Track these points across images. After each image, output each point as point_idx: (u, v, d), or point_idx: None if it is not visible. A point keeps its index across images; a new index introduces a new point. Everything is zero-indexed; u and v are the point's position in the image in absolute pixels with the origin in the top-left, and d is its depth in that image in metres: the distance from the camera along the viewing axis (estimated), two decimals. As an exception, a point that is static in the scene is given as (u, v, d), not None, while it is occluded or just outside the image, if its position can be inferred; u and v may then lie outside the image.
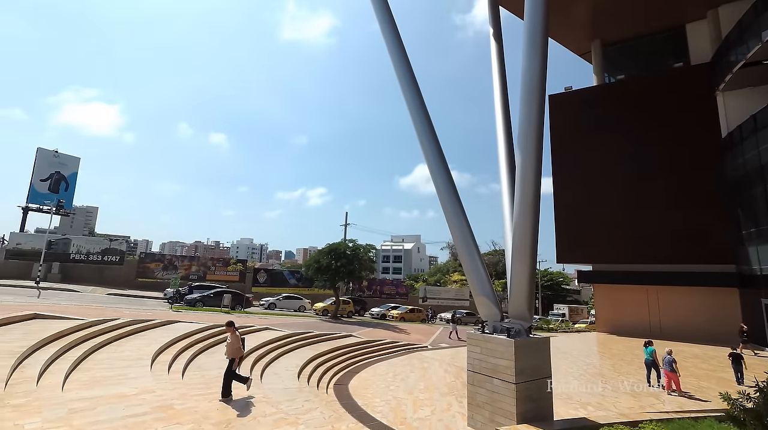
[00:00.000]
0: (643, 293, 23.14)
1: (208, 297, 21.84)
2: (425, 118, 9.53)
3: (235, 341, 7.00)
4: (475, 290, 8.46)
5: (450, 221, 8.92)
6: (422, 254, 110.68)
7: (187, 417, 4.83)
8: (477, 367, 7.75)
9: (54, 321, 8.73)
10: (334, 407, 8.14)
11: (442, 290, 47.16)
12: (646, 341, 10.77)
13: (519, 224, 7.62)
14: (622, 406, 9.41)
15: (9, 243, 28.89)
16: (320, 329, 16.85)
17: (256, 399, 6.45)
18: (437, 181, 9.10)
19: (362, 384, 10.56)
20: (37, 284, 22.91)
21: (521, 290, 7.68)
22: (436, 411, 8.70)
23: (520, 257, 7.66)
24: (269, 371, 9.83)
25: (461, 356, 15.63)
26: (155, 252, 32.92)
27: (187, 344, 9.59)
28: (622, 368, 13.75)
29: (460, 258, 8.83)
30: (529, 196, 7.47)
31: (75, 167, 35.58)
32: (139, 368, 6.77)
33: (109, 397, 5.19)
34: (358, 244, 24.58)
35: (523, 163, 7.72)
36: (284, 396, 7.80)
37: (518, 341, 7.19)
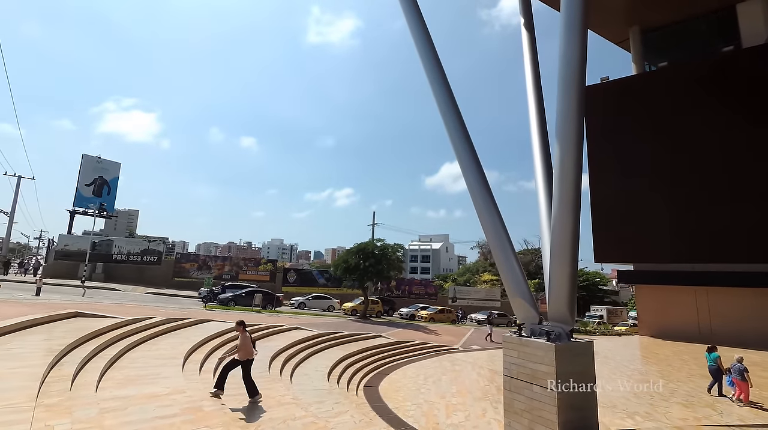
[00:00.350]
0: (691, 295, 21.61)
1: (240, 296, 22.28)
2: (455, 113, 9.16)
3: (246, 342, 6.83)
4: (511, 290, 8.02)
5: (482, 218, 8.51)
6: (450, 254, 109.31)
7: (215, 420, 4.75)
8: (514, 372, 7.32)
9: (94, 319, 9.04)
10: (365, 411, 7.95)
11: (472, 290, 46.21)
12: (710, 347, 9.84)
13: (558, 221, 7.14)
14: (674, 417, 8.70)
15: (57, 244, 30.72)
16: (349, 329, 16.76)
17: (286, 401, 6.34)
18: (468, 177, 8.72)
19: (392, 386, 10.33)
20: (83, 284, 24.14)
21: (562, 290, 7.19)
22: (471, 417, 8.34)
23: (560, 255, 7.17)
24: (299, 371, 9.76)
25: (494, 359, 15.10)
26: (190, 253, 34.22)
27: (219, 344, 9.68)
28: (671, 375, 12.81)
29: (494, 257, 8.41)
30: (569, 192, 6.98)
31: (116, 172, 37.42)
32: (171, 367, 6.82)
33: (140, 397, 5.20)
34: (386, 243, 24.39)
35: (562, 158, 7.22)
36: (314, 398, 7.68)
37: (559, 346, 6.72)
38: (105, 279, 29.92)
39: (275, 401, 6.23)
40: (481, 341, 19.64)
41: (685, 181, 21.18)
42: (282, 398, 6.50)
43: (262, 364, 8.84)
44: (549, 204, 8.90)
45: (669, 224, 21.23)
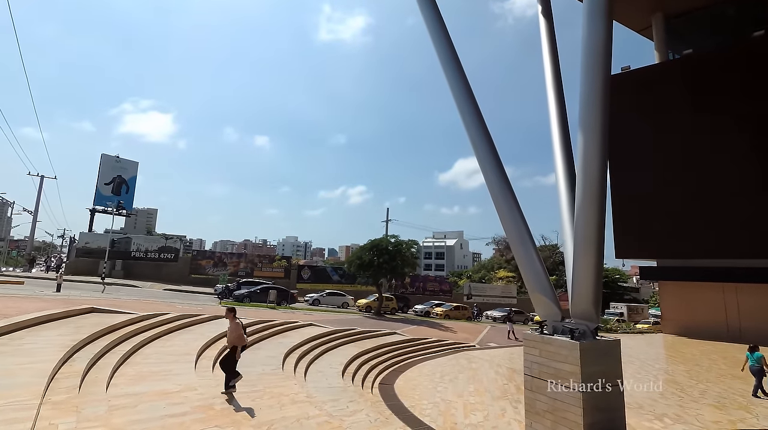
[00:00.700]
0: (719, 292, 20.74)
1: (255, 293, 22.38)
2: (471, 102, 8.84)
3: (236, 329, 6.61)
4: (531, 286, 7.70)
5: (501, 211, 8.19)
6: (465, 251, 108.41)
7: (226, 418, 4.60)
8: (536, 371, 7.01)
9: (109, 315, 9.08)
10: (380, 409, 7.75)
11: (488, 286, 45.58)
12: (751, 346, 9.29)
13: (582, 212, 6.79)
14: (706, 419, 8.25)
15: (78, 242, 31.47)
16: (364, 325, 16.61)
17: (300, 399, 6.18)
18: (486, 168, 8.40)
19: (408, 384, 10.11)
20: (103, 280, 24.64)
21: (587, 286, 6.84)
22: (489, 417, 8.06)
23: (585, 249, 6.82)
24: (313, 368, 9.63)
25: (513, 357, 14.73)
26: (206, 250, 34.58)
27: (233, 340, 9.62)
28: (700, 375, 12.25)
29: (514, 251, 8.08)
30: (593, 183, 6.64)
31: (134, 171, 38.13)
32: (184, 363, 6.74)
33: (152, 394, 5.10)
34: (400, 239, 24.14)
35: (586, 148, 6.87)
36: (328, 396, 7.51)
37: (584, 344, 6.39)
38: (124, 276, 30.52)
39: (289, 399, 6.08)
40: (498, 338, 19.25)
41: (713, 173, 20.22)
42: (296, 396, 6.34)
43: (276, 361, 8.73)
44: (570, 196, 8.54)
45: (697, 218, 20.33)
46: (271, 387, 6.66)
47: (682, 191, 20.92)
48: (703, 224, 20.07)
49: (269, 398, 6.02)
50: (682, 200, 20.84)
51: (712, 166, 20.22)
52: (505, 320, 21.78)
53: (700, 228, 20.12)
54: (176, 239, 34.51)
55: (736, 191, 19.47)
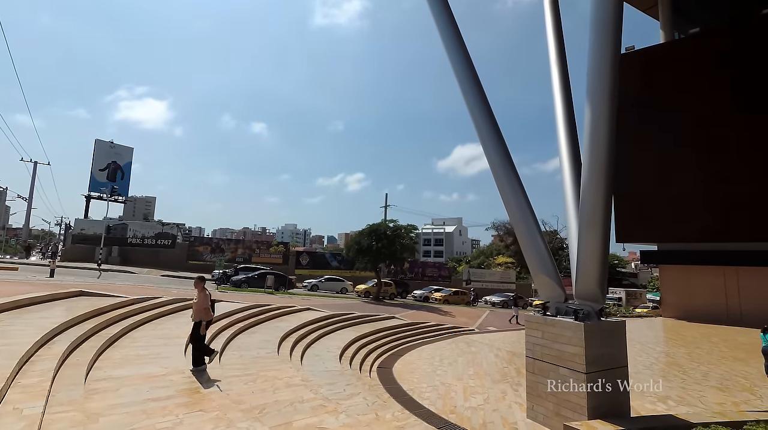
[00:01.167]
0: (720, 275, 20.62)
1: (253, 278, 22.18)
2: (473, 79, 8.45)
3: (203, 301, 6.20)
4: (534, 267, 7.45)
5: (504, 192, 7.89)
6: (464, 238, 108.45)
7: (213, 403, 4.35)
8: (538, 354, 6.82)
9: (98, 298, 8.82)
10: (378, 392, 7.57)
11: (487, 272, 45.59)
12: (765, 327, 9.16)
13: (589, 191, 6.50)
14: (709, 401, 8.11)
15: (74, 229, 31.13)
16: (362, 310, 16.45)
17: (294, 383, 5.97)
18: (488, 148, 8.07)
19: (407, 368, 9.95)
20: (99, 266, 24.41)
21: (592, 266, 6.59)
22: (490, 400, 7.90)
23: (591, 227, 6.56)
24: (310, 352, 9.44)
25: (512, 341, 14.62)
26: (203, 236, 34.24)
27: (228, 323, 9.39)
28: (701, 358, 12.14)
29: (517, 232, 7.81)
30: (601, 160, 6.34)
31: (129, 157, 37.55)
32: (174, 346, 6.50)
33: (136, 377, 4.85)
34: (399, 224, 23.84)
35: (594, 124, 6.55)
36: (325, 379, 7.32)
37: (589, 325, 6.18)
38: (121, 262, 30.29)
39: (283, 383, 5.86)
40: (498, 322, 19.16)
41: (716, 156, 19.84)
42: (290, 379, 6.12)
43: (271, 345, 8.51)
44: (575, 175, 8.24)
45: (698, 201, 20.05)
46: (265, 370, 6.44)
47: (684, 174, 20.59)
48: (704, 208, 19.80)
49: (262, 382, 5.79)
50: (684, 184, 20.52)
51: (716, 148, 19.85)
52: (511, 304, 21.54)
53: (701, 212, 19.86)
54: (173, 226, 34.12)
55: (739, 174, 19.14)
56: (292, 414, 4.58)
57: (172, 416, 3.79)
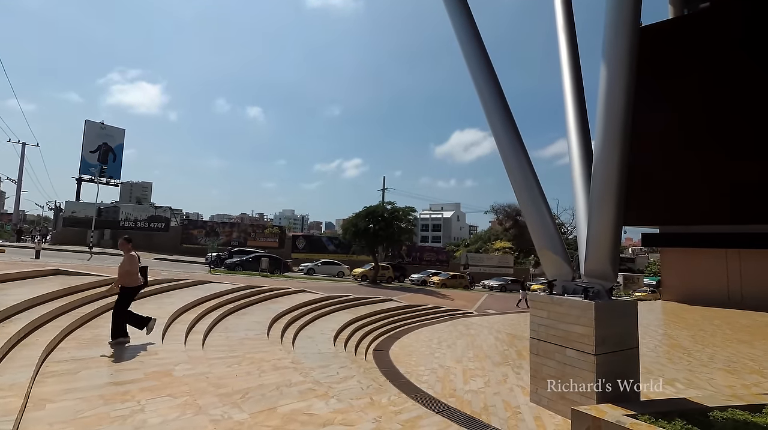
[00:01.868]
0: (722, 258, 20.33)
1: (247, 261, 21.78)
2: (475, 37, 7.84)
3: (127, 264, 5.48)
4: (540, 243, 6.99)
5: (508, 162, 7.37)
6: (462, 223, 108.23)
7: (187, 387, 3.90)
8: (543, 334, 6.41)
9: (75, 277, 8.34)
10: (374, 375, 7.20)
11: (485, 256, 45.39)
12: None
13: (603, 157, 6.01)
14: (719, 384, 7.79)
15: (65, 211, 30.50)
16: (359, 293, 16.09)
17: (283, 365, 5.55)
18: (491, 114, 7.53)
19: (404, 350, 9.60)
20: (90, 249, 23.92)
21: (603, 241, 6.14)
22: (491, 383, 7.54)
23: (603, 199, 6.09)
24: (303, 334, 9.05)
25: (512, 323, 14.32)
26: (197, 219, 33.68)
27: (216, 304, 8.97)
28: (705, 340, 11.87)
29: (522, 206, 7.32)
30: (617, 121, 5.85)
31: (121, 139, 36.58)
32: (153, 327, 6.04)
33: (102, 359, 4.39)
34: (397, 206, 23.35)
35: (610, 79, 6.04)
36: (317, 362, 6.92)
37: (599, 304, 5.75)
38: (113, 246, 29.77)
39: (270, 366, 5.43)
40: (497, 305, 18.90)
41: (716, 136, 19.21)
42: (278, 362, 5.70)
43: (261, 326, 8.09)
44: (582, 144, 7.74)
45: (698, 182, 19.50)
46: (252, 352, 6.02)
47: (687, 155, 20.02)
48: (709, 190, 19.29)
49: (248, 364, 5.37)
50: (687, 164, 19.97)
51: (722, 129, 19.24)
52: (510, 288, 21.09)
53: (705, 194, 19.34)
54: (166, 209, 33.50)
55: (744, 154, 18.59)
56: (278, 399, 4.16)
57: (133, 402, 3.34)
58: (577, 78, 8.55)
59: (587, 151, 8.06)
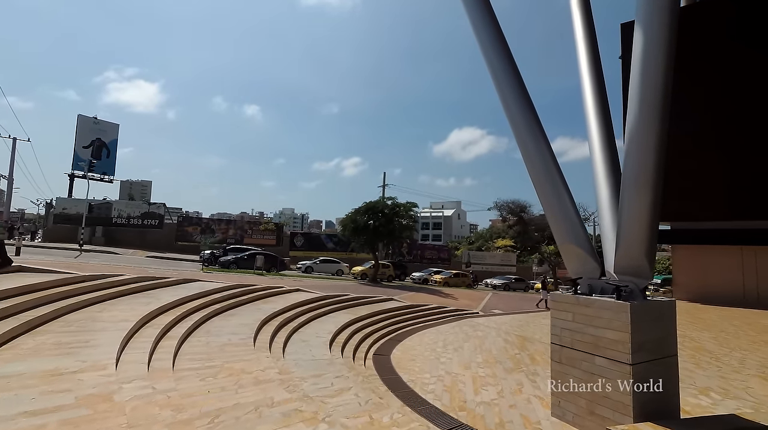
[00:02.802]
0: (737, 255, 19.50)
1: (242, 259, 20.96)
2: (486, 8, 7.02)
3: None
4: (563, 236, 6.12)
5: (526, 148, 6.49)
6: (463, 221, 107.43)
7: (121, 418, 2.97)
8: (567, 340, 5.58)
9: (38, 274, 7.48)
10: (374, 385, 6.38)
11: (488, 254, 44.56)
12: None
13: (639, 130, 5.16)
14: (758, 393, 6.98)
15: (56, 208, 29.65)
16: (358, 292, 15.27)
17: (267, 377, 4.73)
18: (505, 94, 6.67)
19: (407, 355, 8.79)
20: (80, 247, 23.11)
21: (638, 231, 5.29)
22: (504, 393, 6.73)
23: (638, 183, 5.24)
24: (296, 337, 8.23)
25: (521, 324, 13.51)
26: (192, 216, 32.78)
27: (200, 305, 8.15)
28: (730, 342, 11.05)
29: (541, 194, 6.44)
30: (656, 87, 4.98)
31: (114, 134, 35.72)
32: (112, 333, 5.13)
33: (32, 375, 3.48)
34: (397, 202, 22.50)
35: (646, 43, 5.16)
36: (310, 370, 6.10)
37: (636, 305, 4.92)
38: (105, 243, 28.96)
39: (251, 378, 4.61)
40: (503, 305, 18.08)
41: (735, 129, 18.40)
42: (262, 373, 4.88)
43: (248, 329, 7.27)
44: (601, 117, 6.89)
45: (716, 177, 18.69)
46: (232, 362, 5.20)
47: (701, 150, 19.17)
48: (723, 185, 18.47)
49: (225, 377, 4.55)
50: (701, 159, 19.12)
51: (735, 121, 18.39)
52: (541, 287, 19.80)
53: (719, 189, 18.53)
54: (160, 205, 32.64)
55: (760, 149, 17.74)
56: (254, 425, 3.34)
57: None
58: (594, 52, 7.65)
59: (608, 131, 7.16)
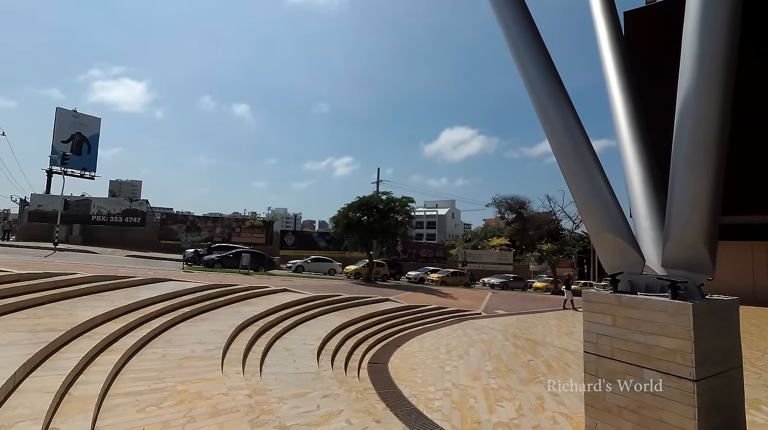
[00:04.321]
0: (747, 251, 18.76)
1: (227, 258, 19.73)
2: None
3: None
4: (598, 224, 5.00)
5: (546, 117, 5.39)
6: (457, 220, 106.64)
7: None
8: (606, 349, 4.51)
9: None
10: (369, 403, 5.28)
11: (484, 253, 43.64)
12: None
13: (695, 97, 4.17)
14: (815, 406, 6.00)
15: (30, 205, 28.10)
16: (351, 292, 14.16)
17: (227, 407, 3.62)
18: (519, 49, 5.58)
19: (406, 363, 7.71)
20: (55, 246, 21.70)
21: (696, 215, 4.25)
22: (524, 409, 5.69)
23: (697, 158, 4.21)
24: (279, 345, 7.10)
25: (528, 326, 12.51)
26: (177, 213, 31.37)
27: (168, 307, 7.00)
28: (758, 345, 10.16)
29: (569, 175, 5.32)
30: (717, 40, 3.99)
31: (96, 129, 34.13)
32: (24, 347, 3.95)
33: None
34: (393, 197, 21.40)
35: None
36: (291, 388, 5.00)
37: (699, 306, 3.87)
38: (84, 242, 27.46)
39: (208, 406, 3.49)
40: (505, 305, 17.07)
41: (744, 121, 17.57)
42: (225, 398, 3.76)
43: (220, 337, 6.13)
44: (622, 70, 5.93)
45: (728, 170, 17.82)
46: (189, 382, 4.08)
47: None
48: (732, 178, 17.61)
49: (172, 405, 3.43)
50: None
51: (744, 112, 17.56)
52: (565, 287, 18.59)
53: (728, 182, 17.67)
54: (142, 202, 31.18)
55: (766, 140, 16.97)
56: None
57: None
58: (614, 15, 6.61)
59: (634, 100, 6.16)
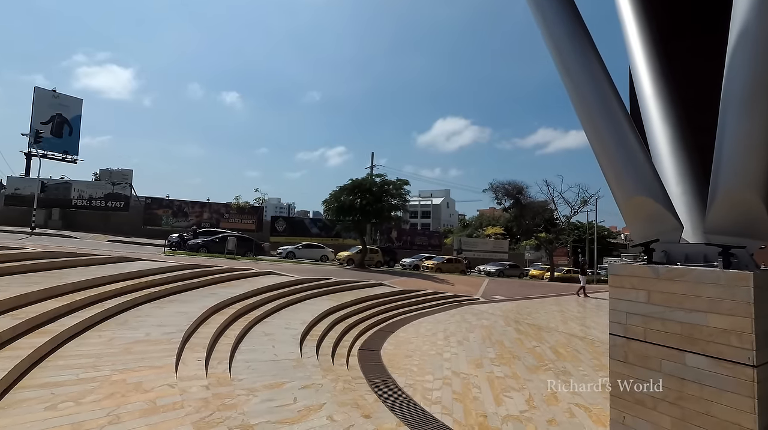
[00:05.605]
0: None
1: (213, 242, 18.82)
2: None
3: None
4: (628, 188, 4.12)
5: (563, 62, 4.50)
6: (452, 210, 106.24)
7: None
8: (637, 330, 3.74)
9: None
10: (358, 394, 4.51)
11: (479, 241, 43.16)
12: None
13: (754, 27, 3.34)
14: None
15: (7, 188, 26.86)
16: (343, 276, 13.39)
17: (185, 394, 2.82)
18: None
19: (401, 349, 6.99)
20: (32, 230, 20.63)
21: (753, 165, 3.44)
22: (535, 401, 4.98)
23: (756, 95, 3.39)
24: (258, 330, 6.31)
25: (528, 310, 11.87)
26: (162, 198, 30.25)
27: (128, 287, 6.18)
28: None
29: (591, 130, 4.44)
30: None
31: (78, 110, 32.63)
32: None
33: None
34: (387, 179, 20.53)
35: None
36: (266, 378, 4.23)
37: (761, 276, 3.11)
38: (64, 226, 26.32)
39: (145, 401, 2.70)
40: (504, 290, 16.47)
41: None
42: (170, 390, 2.98)
43: (184, 319, 5.32)
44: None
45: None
46: (130, 370, 3.29)
47: (711, 137, 17.62)
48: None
49: (96, 401, 2.64)
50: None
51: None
52: (580, 273, 17.98)
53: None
54: (126, 185, 30.02)
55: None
56: None
57: None
58: None
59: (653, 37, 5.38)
